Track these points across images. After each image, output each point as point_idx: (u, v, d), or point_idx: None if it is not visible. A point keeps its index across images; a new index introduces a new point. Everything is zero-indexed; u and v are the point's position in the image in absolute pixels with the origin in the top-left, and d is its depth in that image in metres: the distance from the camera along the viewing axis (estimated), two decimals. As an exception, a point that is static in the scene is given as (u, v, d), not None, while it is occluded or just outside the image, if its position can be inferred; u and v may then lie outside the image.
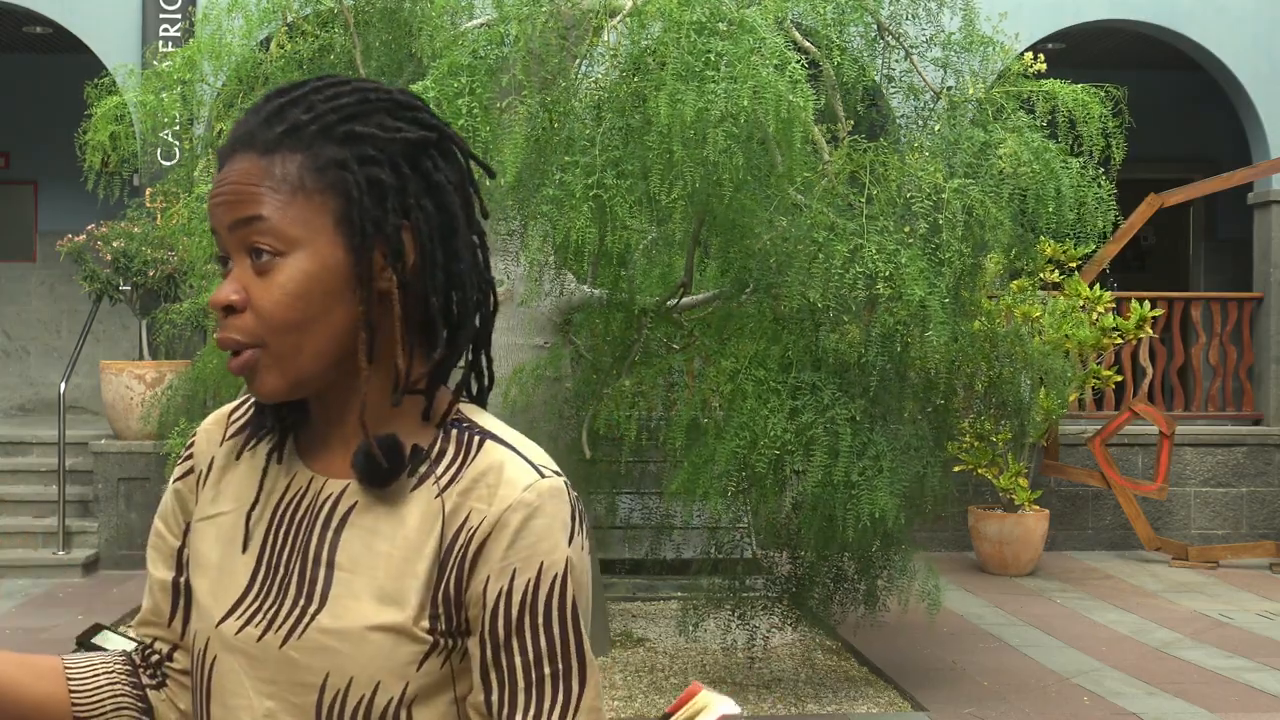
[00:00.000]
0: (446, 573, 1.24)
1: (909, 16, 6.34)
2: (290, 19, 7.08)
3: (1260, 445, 10.31)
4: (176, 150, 9.45)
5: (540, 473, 1.26)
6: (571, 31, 5.86)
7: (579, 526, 1.26)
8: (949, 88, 6.32)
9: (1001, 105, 6.09)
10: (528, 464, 1.26)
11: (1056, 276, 9.49)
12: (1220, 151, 12.82)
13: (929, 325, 5.41)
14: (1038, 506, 9.39)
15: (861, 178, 5.84)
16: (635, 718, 5.94)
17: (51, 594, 8.26)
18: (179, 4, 10.13)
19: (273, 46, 7.11)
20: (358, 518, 1.27)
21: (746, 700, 6.19)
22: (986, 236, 5.66)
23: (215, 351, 8.14)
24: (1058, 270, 9.53)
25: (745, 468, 5.56)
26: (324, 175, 1.23)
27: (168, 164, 9.57)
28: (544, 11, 5.50)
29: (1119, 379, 9.77)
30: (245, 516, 1.32)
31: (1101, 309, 9.34)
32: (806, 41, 5.99)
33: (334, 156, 1.23)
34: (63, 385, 9.18)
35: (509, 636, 1.23)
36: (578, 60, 5.83)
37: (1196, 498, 10.29)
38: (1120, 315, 9.76)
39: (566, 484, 1.28)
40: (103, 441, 9.24)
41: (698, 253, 6.32)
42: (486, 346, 1.35)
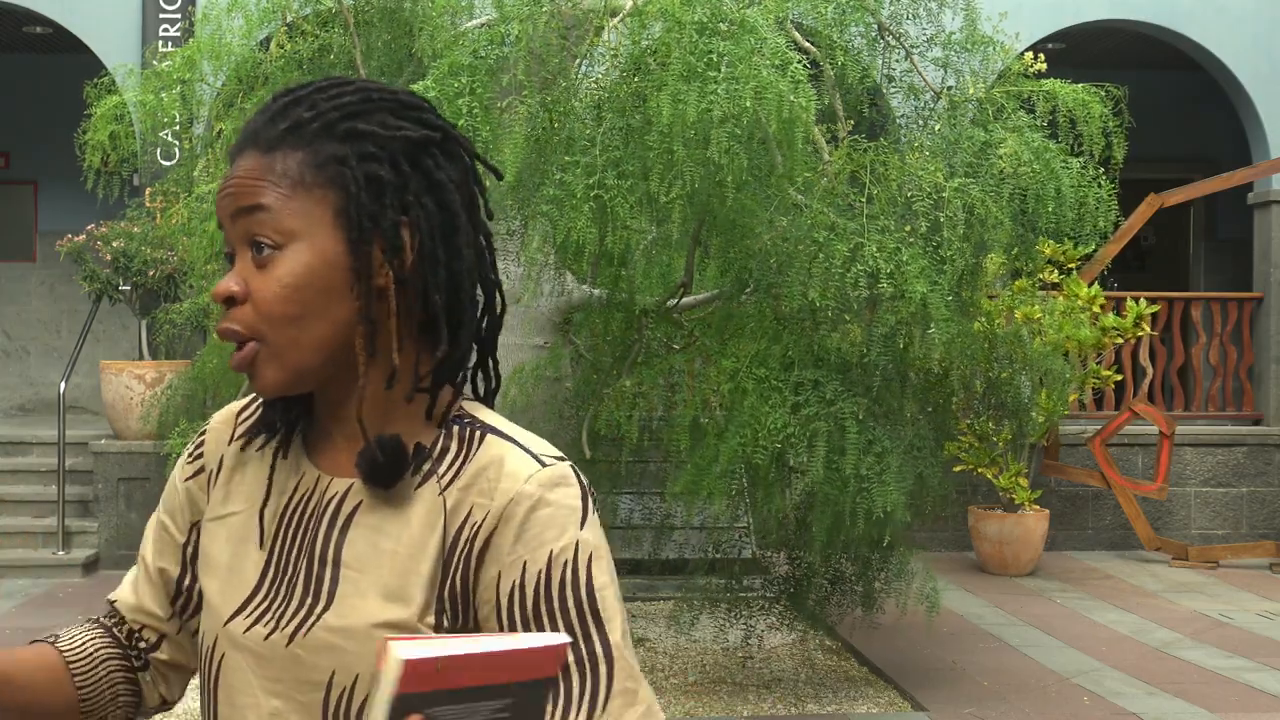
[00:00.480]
0: (452, 570, 1.24)
1: (909, 16, 6.34)
2: (290, 19, 7.08)
3: (1260, 445, 10.31)
4: (176, 150, 9.46)
5: (541, 462, 1.25)
6: (572, 31, 5.86)
7: (589, 508, 1.25)
8: (949, 87, 6.32)
9: (1002, 105, 6.09)
10: (528, 455, 1.26)
11: (1056, 277, 9.49)
12: (1220, 151, 12.83)
13: (931, 323, 5.41)
14: (1038, 506, 9.39)
15: (862, 177, 5.84)
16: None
17: (51, 594, 8.25)
18: (179, 4, 10.12)
19: (272, 46, 7.11)
20: (363, 516, 1.28)
21: (746, 700, 6.19)
22: (987, 236, 5.66)
23: (215, 351, 8.14)
24: (1057, 271, 9.54)
25: (748, 464, 5.56)
26: (324, 171, 1.24)
27: (167, 164, 9.57)
28: (545, 11, 5.50)
29: (1119, 379, 9.77)
30: (259, 515, 1.33)
31: (1097, 308, 9.35)
32: (806, 42, 5.99)
33: (334, 153, 1.24)
34: (63, 385, 9.18)
35: (526, 629, 1.22)
36: (578, 60, 5.83)
37: (1196, 498, 10.30)
38: (1119, 314, 9.76)
39: (573, 468, 1.27)
40: (103, 441, 9.24)
41: (698, 253, 6.32)
42: (493, 348, 1.34)
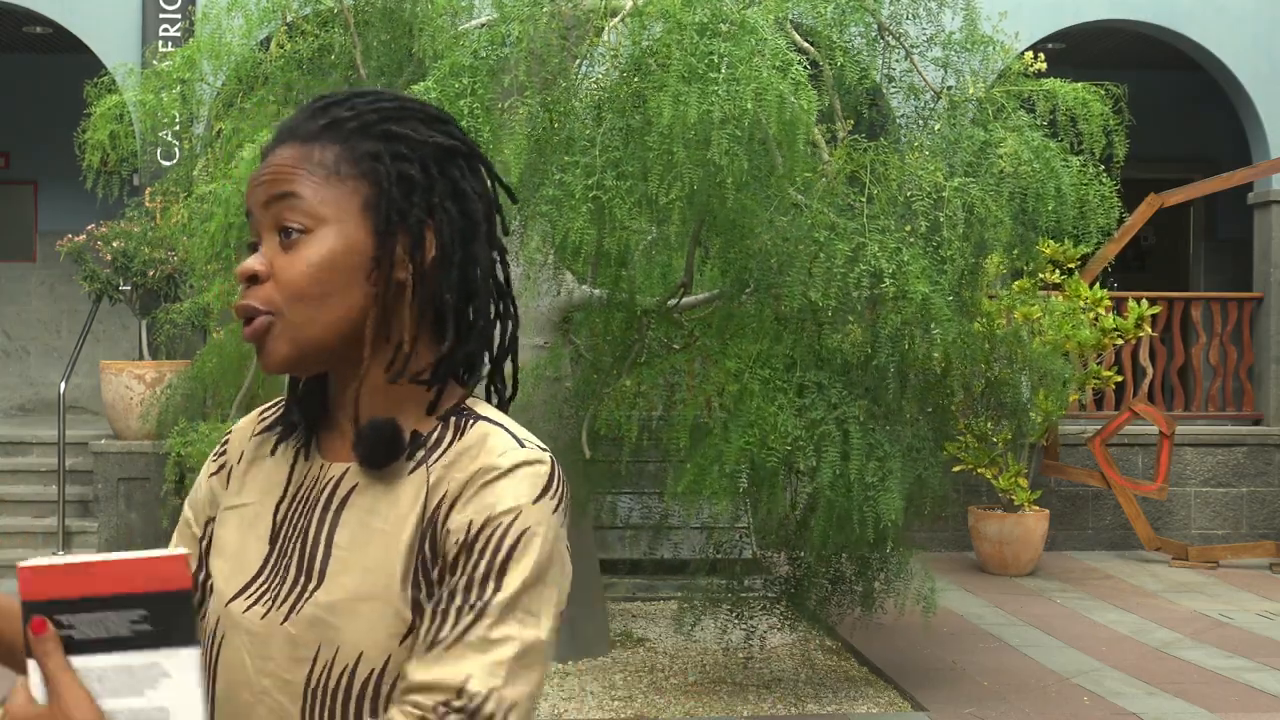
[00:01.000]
0: (425, 540, 1.28)
1: (909, 16, 6.34)
2: (290, 19, 7.08)
3: (1260, 445, 10.31)
4: (176, 150, 9.46)
5: (521, 443, 1.29)
6: (572, 32, 5.86)
7: (552, 497, 1.27)
8: (949, 87, 6.32)
9: (1002, 104, 6.09)
10: (511, 437, 1.30)
11: (1056, 277, 9.49)
12: (1220, 151, 12.83)
13: (933, 323, 5.41)
14: (1038, 506, 9.39)
15: (862, 177, 5.84)
16: (635, 718, 5.94)
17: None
18: (179, 4, 10.12)
19: (272, 46, 7.11)
20: (357, 499, 1.32)
21: (746, 700, 6.19)
22: (987, 235, 5.65)
23: (215, 351, 8.14)
24: (1057, 270, 9.54)
25: (754, 466, 5.56)
26: (358, 164, 1.31)
27: (167, 164, 9.57)
28: (545, 12, 5.50)
29: (1119, 379, 9.77)
30: (274, 510, 1.37)
31: (1100, 310, 9.35)
32: (805, 42, 5.99)
33: (369, 149, 1.32)
34: (63, 385, 9.18)
35: (445, 572, 1.26)
36: (578, 61, 5.83)
37: (1196, 498, 10.30)
38: (1120, 315, 9.76)
39: (552, 461, 1.30)
40: (103, 441, 9.24)
41: (698, 253, 6.32)
42: (509, 357, 1.39)
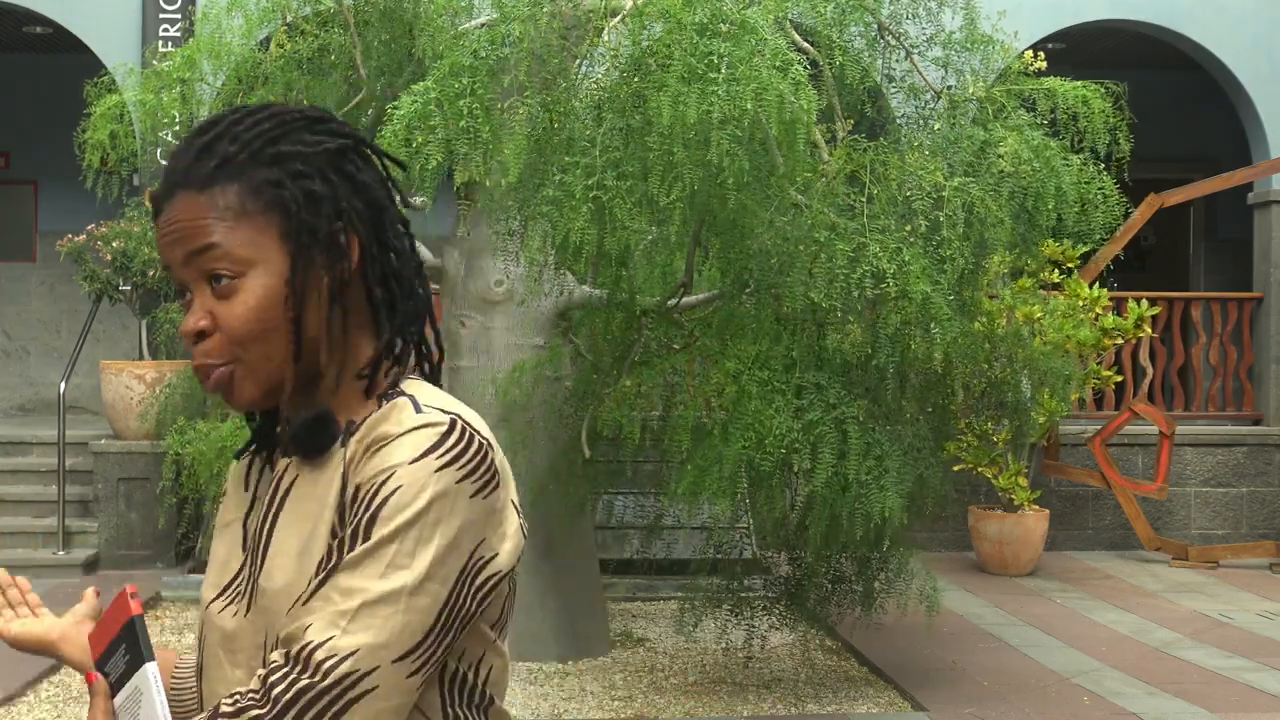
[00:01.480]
0: (340, 514, 1.30)
1: (909, 16, 6.33)
2: (290, 18, 7.08)
3: (1260, 445, 10.31)
4: (176, 150, 9.46)
5: (419, 409, 1.30)
6: (572, 32, 5.86)
7: (438, 455, 1.26)
8: (949, 87, 6.31)
9: (1002, 104, 6.09)
10: (413, 405, 1.31)
11: (1057, 277, 9.48)
12: (1220, 151, 12.82)
13: (933, 323, 5.40)
14: (1038, 506, 9.39)
15: (862, 177, 5.83)
16: (635, 718, 5.94)
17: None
18: (179, 4, 10.12)
19: (272, 46, 7.11)
20: (296, 488, 1.36)
21: (746, 700, 6.19)
22: (987, 235, 5.65)
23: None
24: (1057, 270, 9.53)
25: (751, 468, 5.55)
26: (262, 196, 1.32)
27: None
28: (545, 12, 5.50)
29: (1119, 379, 9.77)
30: (243, 520, 1.44)
31: (1100, 310, 9.34)
32: (805, 42, 5.98)
33: (267, 178, 1.33)
34: (63, 385, 9.17)
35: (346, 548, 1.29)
36: (578, 61, 5.82)
37: (1196, 498, 10.29)
38: (1120, 315, 9.76)
39: (452, 422, 1.29)
40: (102, 441, 9.24)
41: (698, 253, 6.32)
42: (426, 324, 1.42)
